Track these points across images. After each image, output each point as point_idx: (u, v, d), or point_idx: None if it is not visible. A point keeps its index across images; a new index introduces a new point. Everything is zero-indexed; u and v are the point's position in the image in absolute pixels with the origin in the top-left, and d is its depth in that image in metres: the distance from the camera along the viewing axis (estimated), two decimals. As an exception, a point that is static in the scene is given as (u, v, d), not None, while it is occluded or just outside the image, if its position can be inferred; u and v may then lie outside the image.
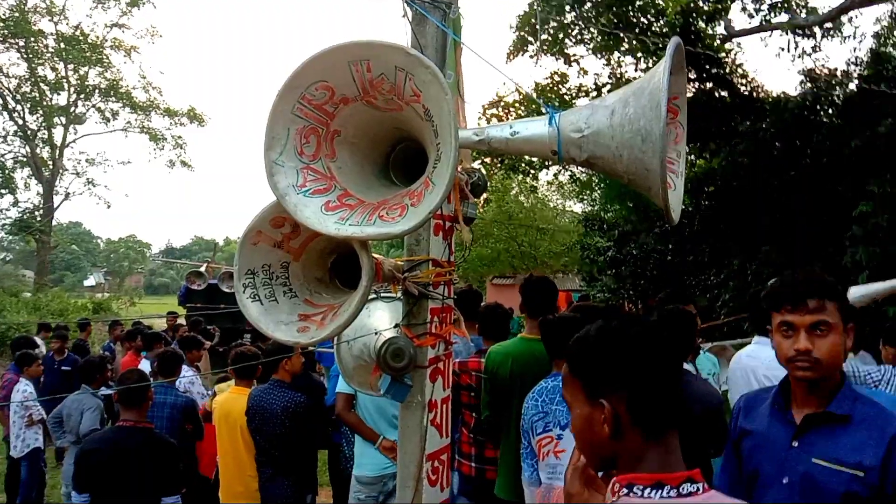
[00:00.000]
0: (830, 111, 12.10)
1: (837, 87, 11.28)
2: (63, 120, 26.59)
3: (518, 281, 28.90)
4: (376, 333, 3.23)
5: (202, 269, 17.24)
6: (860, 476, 1.80)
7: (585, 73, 14.39)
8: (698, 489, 1.16)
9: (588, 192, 19.07)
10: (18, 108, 25.60)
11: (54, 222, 29.30)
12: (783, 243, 11.02)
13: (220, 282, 16.70)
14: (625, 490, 1.17)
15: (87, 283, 51.27)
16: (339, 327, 2.23)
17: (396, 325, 2.80)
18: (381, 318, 3.52)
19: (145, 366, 7.14)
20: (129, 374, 3.94)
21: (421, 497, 2.61)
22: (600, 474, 1.40)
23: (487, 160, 17.39)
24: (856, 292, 4.22)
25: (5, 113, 25.32)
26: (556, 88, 14.75)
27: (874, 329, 4.57)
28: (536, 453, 2.93)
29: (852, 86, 11.11)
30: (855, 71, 11.58)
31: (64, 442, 5.56)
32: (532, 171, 17.37)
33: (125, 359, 7.49)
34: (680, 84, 2.10)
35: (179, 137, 28.06)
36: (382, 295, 3.62)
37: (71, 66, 25.97)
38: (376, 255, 2.29)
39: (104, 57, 26.54)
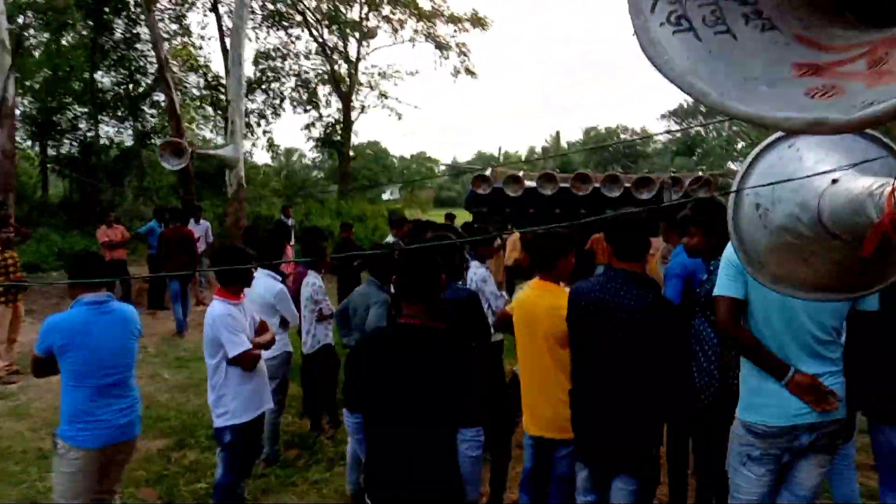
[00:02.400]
0: None
1: None
2: (357, 34, 27.65)
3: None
4: (833, 182, 1.81)
5: (488, 172, 16.62)
6: None
7: None
8: None
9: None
10: (317, 25, 27.01)
11: (354, 139, 31.03)
12: None
13: (505, 185, 16.04)
14: None
15: (385, 196, 55.26)
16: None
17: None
18: (824, 161, 2.02)
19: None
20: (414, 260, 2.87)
21: None
22: None
23: None
24: None
25: (306, 30, 26.89)
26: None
27: None
28: None
29: None
30: None
31: (350, 340, 4.90)
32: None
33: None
34: None
35: (463, 44, 27.79)
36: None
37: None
38: None
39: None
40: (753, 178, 2.03)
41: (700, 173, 16.97)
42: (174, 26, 23.38)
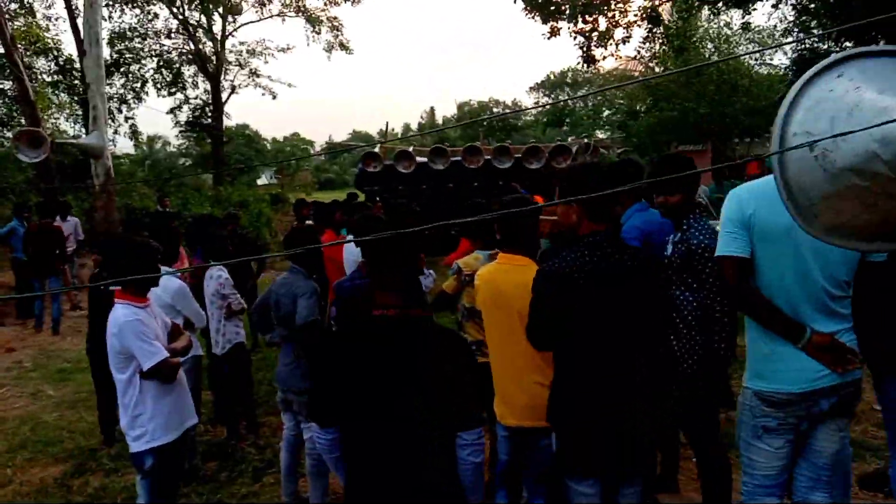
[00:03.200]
0: None
1: None
2: (220, 10, 26.08)
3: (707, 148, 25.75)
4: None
5: (377, 149, 16.14)
6: None
7: None
8: None
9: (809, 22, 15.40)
10: (177, 1, 25.17)
11: (227, 122, 29.47)
12: None
13: (396, 162, 15.65)
14: None
15: (259, 182, 53.18)
16: None
17: None
18: (892, 90, 1.77)
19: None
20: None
21: None
22: None
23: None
24: None
25: (165, 7, 25.04)
26: None
27: None
28: None
29: None
30: None
31: (274, 336, 4.40)
32: (747, 4, 14.14)
33: (324, 237, 6.29)
34: None
35: (335, 18, 26.88)
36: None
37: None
38: None
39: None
40: (800, 116, 1.78)
41: (586, 140, 17.33)
42: (14, 5, 21.12)
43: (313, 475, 4.15)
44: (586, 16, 12.29)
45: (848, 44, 14.88)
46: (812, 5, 14.83)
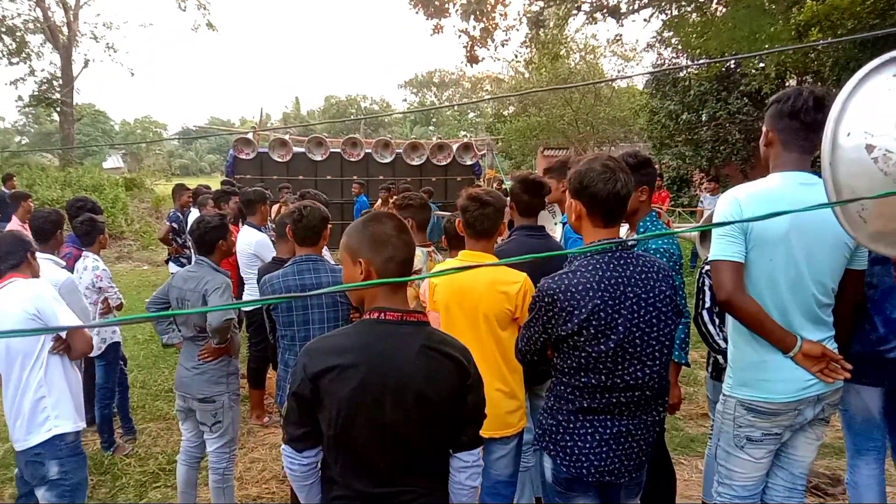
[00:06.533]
0: None
1: None
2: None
3: (572, 153, 26.80)
4: None
5: (250, 136, 15.35)
6: None
7: None
8: None
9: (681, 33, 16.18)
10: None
11: (77, 99, 27.03)
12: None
13: (272, 150, 14.97)
14: None
15: (105, 165, 49.39)
16: None
17: None
18: None
19: (252, 235, 5.44)
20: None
21: None
22: None
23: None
24: None
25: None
26: None
27: None
28: None
29: None
30: None
31: (174, 337, 3.90)
32: (621, 16, 14.69)
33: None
34: None
35: (204, -5, 25.31)
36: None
37: None
38: None
39: None
40: (855, 115, 1.67)
41: (466, 139, 17.46)
42: None
43: (218, 492, 3.72)
44: (478, 13, 12.29)
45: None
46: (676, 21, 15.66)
